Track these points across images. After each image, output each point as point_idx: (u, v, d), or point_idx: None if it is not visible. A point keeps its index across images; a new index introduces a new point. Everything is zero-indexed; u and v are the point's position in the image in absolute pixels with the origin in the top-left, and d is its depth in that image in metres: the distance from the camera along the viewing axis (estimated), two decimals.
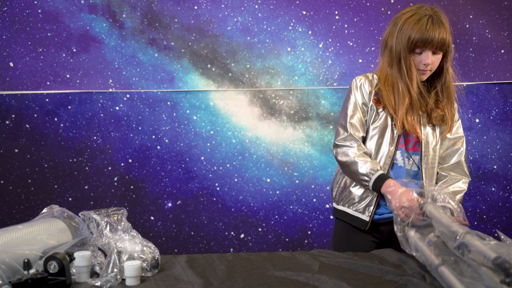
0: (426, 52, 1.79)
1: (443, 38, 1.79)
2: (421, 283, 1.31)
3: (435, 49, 1.80)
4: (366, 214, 1.87)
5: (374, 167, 1.79)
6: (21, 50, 2.89)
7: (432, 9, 1.82)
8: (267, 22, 3.02)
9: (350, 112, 1.88)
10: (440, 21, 1.80)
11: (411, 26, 1.78)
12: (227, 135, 3.03)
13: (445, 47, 1.81)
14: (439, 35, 1.78)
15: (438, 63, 1.84)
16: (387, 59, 1.87)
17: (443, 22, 1.80)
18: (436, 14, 1.80)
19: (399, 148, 1.87)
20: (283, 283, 1.33)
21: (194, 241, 3.04)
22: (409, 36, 1.78)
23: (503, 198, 3.10)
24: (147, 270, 1.39)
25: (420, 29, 1.77)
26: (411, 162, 1.87)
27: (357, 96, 1.89)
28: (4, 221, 2.89)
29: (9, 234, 1.35)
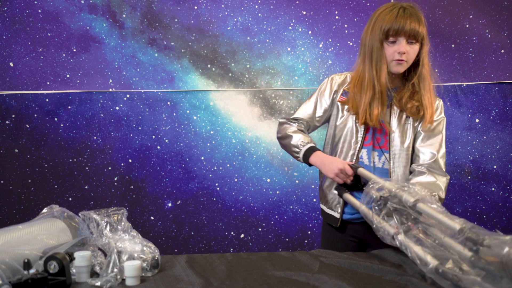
0: (400, 40, 1.78)
1: (415, 27, 1.78)
2: (421, 283, 1.31)
3: (409, 38, 1.78)
4: (336, 211, 1.91)
5: (305, 139, 1.88)
6: (21, 50, 2.89)
7: (407, 3, 1.83)
8: (267, 22, 3.02)
9: (306, 101, 1.99)
10: (413, 12, 1.80)
11: (383, 17, 1.80)
12: (227, 135, 3.03)
13: (419, 37, 1.79)
14: (410, 23, 1.78)
15: (414, 54, 1.81)
16: (362, 56, 1.88)
17: (416, 13, 1.80)
18: (409, 6, 1.81)
19: (365, 146, 1.87)
20: (283, 283, 1.33)
21: (194, 241, 3.04)
22: (381, 26, 1.79)
23: (503, 198, 3.10)
24: (147, 270, 1.39)
25: (391, 18, 1.78)
26: (382, 160, 1.87)
27: (321, 91, 1.96)
28: (4, 221, 2.89)
29: (9, 234, 1.35)
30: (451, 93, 3.08)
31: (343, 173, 1.78)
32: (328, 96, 1.94)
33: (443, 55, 3.06)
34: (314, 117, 1.97)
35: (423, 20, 1.80)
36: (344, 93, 1.91)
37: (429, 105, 1.82)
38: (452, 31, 3.05)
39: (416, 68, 1.84)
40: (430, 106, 1.82)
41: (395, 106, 1.85)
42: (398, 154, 1.85)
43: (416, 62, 1.83)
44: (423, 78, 1.83)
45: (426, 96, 1.82)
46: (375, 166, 1.86)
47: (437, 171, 1.81)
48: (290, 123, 1.98)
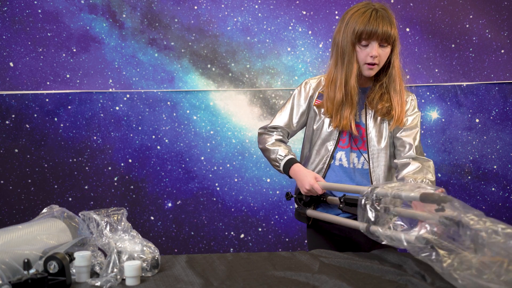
0: (372, 44, 1.78)
1: (387, 30, 1.78)
2: (421, 283, 1.31)
3: (381, 41, 1.78)
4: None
5: (283, 152, 1.90)
6: (21, 50, 2.89)
7: (379, 4, 1.82)
8: (267, 22, 3.02)
9: (282, 108, 2.00)
10: (386, 15, 1.79)
11: (356, 19, 1.79)
12: (227, 135, 3.04)
13: (391, 40, 1.79)
14: (383, 27, 1.77)
15: (385, 57, 1.81)
16: (334, 58, 1.89)
17: (388, 16, 1.79)
18: (382, 8, 1.80)
19: (343, 148, 1.89)
20: (283, 283, 1.33)
21: (194, 241, 3.03)
22: (354, 29, 1.78)
23: (503, 198, 3.10)
24: (147, 270, 1.39)
25: (364, 20, 1.77)
26: (362, 160, 1.87)
27: (296, 96, 1.97)
28: (4, 221, 2.89)
29: (9, 234, 1.35)
30: (451, 93, 3.08)
31: (312, 191, 1.82)
32: (303, 101, 1.95)
33: (443, 55, 3.06)
34: (291, 124, 1.98)
35: (395, 22, 1.80)
36: (319, 96, 1.92)
37: (397, 106, 1.82)
38: (452, 31, 3.05)
39: (386, 70, 1.85)
40: (399, 106, 1.82)
41: (369, 106, 1.86)
42: (376, 154, 1.86)
43: (387, 63, 1.84)
44: (392, 79, 1.84)
45: (396, 97, 1.83)
46: (355, 167, 1.88)
47: (420, 158, 1.83)
48: (269, 133, 1.99)
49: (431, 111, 3.09)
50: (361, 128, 1.87)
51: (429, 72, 3.06)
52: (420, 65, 3.06)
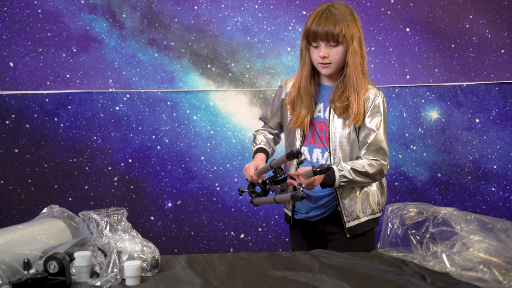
0: (320, 44, 1.82)
1: (330, 29, 1.80)
2: (421, 283, 1.31)
3: (327, 41, 1.81)
4: (288, 210, 2.02)
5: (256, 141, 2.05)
6: (21, 50, 2.89)
7: (332, 4, 1.85)
8: (267, 22, 3.02)
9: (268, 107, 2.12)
10: (334, 14, 1.81)
11: (307, 22, 1.86)
12: (227, 135, 3.03)
13: (338, 39, 1.80)
14: (324, 27, 1.80)
15: (337, 56, 1.83)
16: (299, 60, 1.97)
17: (335, 15, 1.81)
18: (331, 8, 1.83)
19: (307, 145, 1.93)
20: (283, 283, 1.33)
21: (194, 241, 3.04)
22: (304, 31, 1.86)
23: (503, 198, 3.10)
24: (147, 270, 1.39)
25: (309, 23, 1.83)
26: (326, 156, 1.90)
27: (275, 94, 2.10)
28: (4, 221, 2.89)
29: (9, 234, 1.35)
30: (451, 93, 3.08)
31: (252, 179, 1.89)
32: (277, 99, 2.05)
33: (443, 55, 3.06)
34: (268, 119, 2.10)
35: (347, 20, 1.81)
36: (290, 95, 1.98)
37: (355, 104, 1.83)
38: (452, 31, 3.05)
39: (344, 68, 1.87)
40: (356, 104, 1.83)
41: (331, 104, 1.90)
42: (338, 150, 1.88)
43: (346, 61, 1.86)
44: (348, 78, 1.85)
45: (353, 95, 1.83)
46: (319, 162, 1.91)
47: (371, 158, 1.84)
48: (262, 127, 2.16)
49: (431, 111, 3.09)
50: (325, 125, 1.90)
51: (429, 72, 3.06)
52: (420, 65, 3.06)
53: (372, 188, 1.90)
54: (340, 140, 1.87)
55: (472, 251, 1.42)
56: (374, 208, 1.89)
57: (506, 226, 1.42)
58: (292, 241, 2.08)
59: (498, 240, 1.40)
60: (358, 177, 1.80)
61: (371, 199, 1.89)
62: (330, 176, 1.79)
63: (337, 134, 1.87)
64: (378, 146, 1.83)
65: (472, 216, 1.48)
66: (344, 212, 1.87)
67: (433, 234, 1.53)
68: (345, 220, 1.87)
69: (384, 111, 1.86)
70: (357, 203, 1.87)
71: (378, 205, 1.91)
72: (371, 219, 1.90)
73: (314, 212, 1.92)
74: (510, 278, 1.29)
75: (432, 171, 3.08)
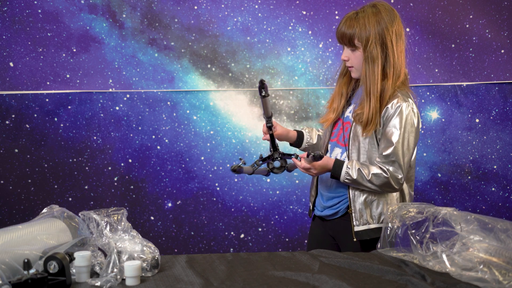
0: (345, 47, 1.82)
1: (343, 31, 1.78)
2: (421, 283, 1.31)
3: (346, 44, 1.80)
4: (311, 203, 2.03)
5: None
6: (21, 50, 2.89)
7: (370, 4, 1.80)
8: (267, 22, 3.02)
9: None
10: (356, 16, 1.77)
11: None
12: (227, 135, 3.03)
13: (350, 41, 1.77)
14: (340, 29, 1.79)
15: (356, 60, 1.80)
16: None
17: (355, 17, 1.77)
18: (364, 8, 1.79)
19: (331, 142, 1.94)
20: (283, 283, 1.33)
21: (194, 241, 3.04)
22: None
23: (503, 198, 3.10)
24: (147, 270, 1.39)
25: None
26: (343, 156, 1.89)
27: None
28: (4, 221, 2.89)
29: (9, 234, 1.35)
30: (451, 93, 3.08)
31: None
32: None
33: (443, 55, 3.06)
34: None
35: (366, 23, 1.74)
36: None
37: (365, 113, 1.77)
38: (452, 31, 3.05)
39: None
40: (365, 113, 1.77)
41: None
42: (355, 153, 1.85)
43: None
44: (362, 84, 1.82)
45: (365, 104, 1.78)
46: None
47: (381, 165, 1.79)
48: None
49: (431, 111, 3.09)
50: (350, 126, 1.88)
51: (429, 72, 3.06)
52: (420, 65, 3.06)
53: (391, 197, 1.84)
54: (359, 144, 1.83)
55: (472, 251, 1.43)
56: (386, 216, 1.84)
57: (506, 226, 1.42)
58: (310, 234, 2.08)
59: (498, 240, 1.40)
60: (361, 181, 1.77)
61: (384, 207, 1.82)
62: (337, 169, 1.78)
63: (356, 138, 1.83)
64: (392, 159, 1.75)
65: (472, 216, 1.48)
66: (354, 215, 1.84)
67: (433, 234, 1.53)
68: (354, 223, 1.84)
69: (405, 124, 1.75)
70: (369, 209, 1.83)
71: None
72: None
73: (327, 212, 1.92)
74: (510, 278, 1.30)
75: (432, 171, 3.08)
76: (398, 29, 1.77)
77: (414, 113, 1.77)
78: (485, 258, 1.38)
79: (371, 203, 1.82)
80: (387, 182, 1.76)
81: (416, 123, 1.78)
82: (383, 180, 1.76)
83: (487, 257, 1.39)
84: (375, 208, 1.82)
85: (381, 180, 1.76)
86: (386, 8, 1.78)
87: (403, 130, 1.75)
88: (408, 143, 1.75)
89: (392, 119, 1.76)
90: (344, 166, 1.78)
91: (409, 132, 1.76)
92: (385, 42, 1.75)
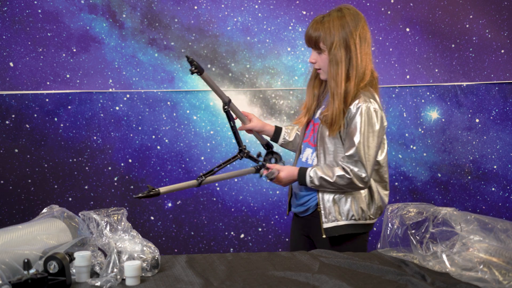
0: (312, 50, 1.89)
1: (309, 35, 1.84)
2: (421, 283, 1.31)
3: (313, 47, 1.86)
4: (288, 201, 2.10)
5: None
6: (21, 50, 2.89)
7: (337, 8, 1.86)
8: (267, 22, 3.02)
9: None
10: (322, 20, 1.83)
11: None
12: (227, 135, 3.03)
13: (316, 44, 1.83)
14: (307, 33, 1.86)
15: (323, 63, 1.85)
16: None
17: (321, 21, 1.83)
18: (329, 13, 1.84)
19: (303, 142, 2.00)
20: (283, 283, 1.33)
21: (194, 241, 3.04)
22: None
23: (503, 198, 3.10)
24: (147, 270, 1.39)
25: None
26: (313, 156, 1.96)
27: None
28: (4, 221, 2.89)
29: (9, 234, 1.35)
30: (451, 93, 3.08)
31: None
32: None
33: (443, 55, 3.06)
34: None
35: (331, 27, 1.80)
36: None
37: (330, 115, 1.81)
38: (452, 31, 3.05)
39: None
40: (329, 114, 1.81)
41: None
42: (321, 153, 1.91)
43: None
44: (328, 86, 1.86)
45: (331, 105, 1.82)
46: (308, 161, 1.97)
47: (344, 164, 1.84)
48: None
49: (431, 111, 3.09)
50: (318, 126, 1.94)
51: (429, 72, 3.06)
52: (420, 65, 3.06)
53: (359, 194, 1.88)
54: (325, 145, 1.88)
55: (472, 251, 1.43)
56: (355, 214, 1.86)
57: (506, 226, 1.42)
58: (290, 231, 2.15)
59: (498, 240, 1.40)
60: (326, 185, 1.83)
61: (354, 205, 1.86)
62: (302, 178, 1.87)
63: (323, 139, 1.89)
64: (355, 159, 1.79)
65: (472, 216, 1.48)
66: (323, 212, 1.88)
67: (433, 234, 1.53)
68: (323, 220, 1.88)
69: (366, 125, 1.78)
70: (337, 206, 1.87)
71: (362, 213, 1.87)
72: (352, 224, 1.87)
73: (299, 209, 1.99)
74: (510, 278, 1.30)
75: (432, 171, 3.08)
76: (363, 32, 1.83)
77: (376, 113, 1.80)
78: (485, 258, 1.38)
79: (339, 200, 1.87)
80: (351, 182, 1.80)
81: (379, 123, 1.80)
82: (347, 181, 1.81)
83: (487, 257, 1.39)
84: (343, 205, 1.87)
85: (345, 181, 1.81)
86: (351, 12, 1.83)
87: (364, 130, 1.79)
88: (369, 143, 1.79)
89: (353, 120, 1.80)
90: (307, 176, 1.85)
91: (370, 132, 1.79)
92: (349, 45, 1.80)
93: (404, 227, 1.60)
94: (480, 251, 1.41)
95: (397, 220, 1.62)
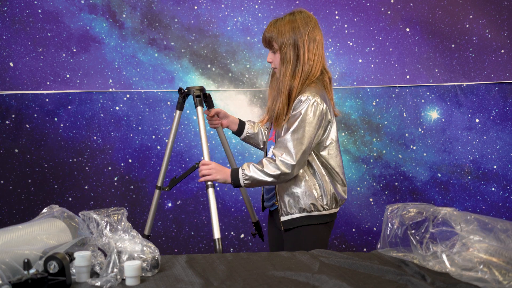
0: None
1: (264, 35, 1.97)
2: (421, 283, 1.31)
3: (268, 47, 1.97)
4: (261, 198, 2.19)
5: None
6: (21, 50, 2.89)
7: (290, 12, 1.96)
8: (267, 22, 3.01)
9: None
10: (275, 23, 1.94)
11: None
12: (227, 135, 3.03)
13: (270, 44, 1.94)
14: (263, 34, 1.97)
15: (277, 61, 1.95)
16: None
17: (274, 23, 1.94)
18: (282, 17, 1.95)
19: (268, 140, 2.10)
20: (283, 283, 1.33)
21: (194, 241, 3.03)
22: None
23: (503, 198, 3.10)
24: (147, 270, 1.39)
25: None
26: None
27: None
28: (4, 221, 2.89)
29: (9, 234, 1.35)
30: (451, 93, 3.08)
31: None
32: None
33: (443, 55, 3.06)
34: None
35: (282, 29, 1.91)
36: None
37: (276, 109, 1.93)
38: (452, 31, 3.05)
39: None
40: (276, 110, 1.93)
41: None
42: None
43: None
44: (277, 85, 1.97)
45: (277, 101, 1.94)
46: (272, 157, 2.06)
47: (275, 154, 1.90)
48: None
49: (431, 111, 3.09)
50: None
51: (429, 72, 3.07)
52: (420, 65, 3.06)
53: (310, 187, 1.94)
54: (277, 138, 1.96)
55: (472, 251, 1.43)
56: (305, 207, 1.93)
57: (506, 226, 1.42)
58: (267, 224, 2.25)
59: (498, 240, 1.40)
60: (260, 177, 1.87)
61: (303, 198, 1.94)
62: (234, 177, 1.91)
63: (278, 135, 1.96)
64: (283, 144, 1.87)
65: (472, 216, 1.48)
66: (280, 206, 1.98)
67: (433, 234, 1.53)
68: (280, 213, 1.98)
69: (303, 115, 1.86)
70: (292, 199, 1.96)
71: (313, 205, 1.94)
72: (305, 216, 1.95)
73: (267, 204, 2.11)
74: (510, 278, 1.30)
75: (432, 171, 3.09)
76: (312, 34, 1.92)
77: (313, 106, 1.87)
78: (485, 258, 1.38)
79: (292, 194, 1.95)
80: (277, 167, 1.86)
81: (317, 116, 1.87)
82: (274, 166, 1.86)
83: (487, 257, 1.39)
84: (296, 198, 1.95)
85: (272, 165, 1.86)
86: (303, 16, 1.94)
87: (299, 120, 1.86)
88: (302, 133, 1.86)
89: (292, 111, 1.90)
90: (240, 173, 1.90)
91: (306, 122, 1.86)
92: (297, 45, 1.90)
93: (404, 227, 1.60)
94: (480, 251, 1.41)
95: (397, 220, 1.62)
